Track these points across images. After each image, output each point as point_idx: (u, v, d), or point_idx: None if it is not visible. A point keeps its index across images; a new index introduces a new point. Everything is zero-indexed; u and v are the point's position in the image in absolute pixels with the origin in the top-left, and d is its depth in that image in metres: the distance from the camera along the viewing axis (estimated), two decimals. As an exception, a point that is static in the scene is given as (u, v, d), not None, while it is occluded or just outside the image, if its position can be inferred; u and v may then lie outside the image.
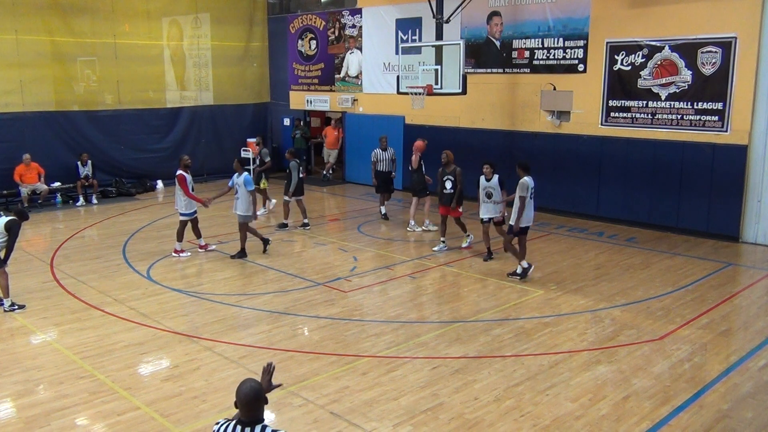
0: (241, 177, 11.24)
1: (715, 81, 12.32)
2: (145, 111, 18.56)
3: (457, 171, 11.57)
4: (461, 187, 11.56)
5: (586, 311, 8.91)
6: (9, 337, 8.11)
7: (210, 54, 19.95)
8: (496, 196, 10.81)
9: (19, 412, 6.25)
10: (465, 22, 15.74)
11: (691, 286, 9.94)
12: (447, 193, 11.62)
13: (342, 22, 19.03)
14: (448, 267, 11.01)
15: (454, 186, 11.55)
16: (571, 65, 14.30)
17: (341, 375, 6.95)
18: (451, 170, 11.60)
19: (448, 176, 11.62)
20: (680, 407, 6.25)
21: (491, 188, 10.79)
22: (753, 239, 12.37)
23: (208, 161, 19.44)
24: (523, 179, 10.00)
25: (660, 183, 13.26)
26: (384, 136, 14.42)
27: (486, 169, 10.82)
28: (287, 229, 13.48)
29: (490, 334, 8.05)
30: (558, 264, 11.12)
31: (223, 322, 8.51)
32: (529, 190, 9.96)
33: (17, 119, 16.13)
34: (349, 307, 9.12)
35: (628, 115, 13.58)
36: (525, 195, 9.93)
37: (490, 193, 10.80)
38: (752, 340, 7.93)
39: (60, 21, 16.67)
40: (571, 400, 6.39)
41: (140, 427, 5.96)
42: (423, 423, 5.98)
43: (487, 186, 10.81)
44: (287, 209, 13.60)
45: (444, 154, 11.73)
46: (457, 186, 11.52)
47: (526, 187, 9.95)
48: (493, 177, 10.79)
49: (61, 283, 10.14)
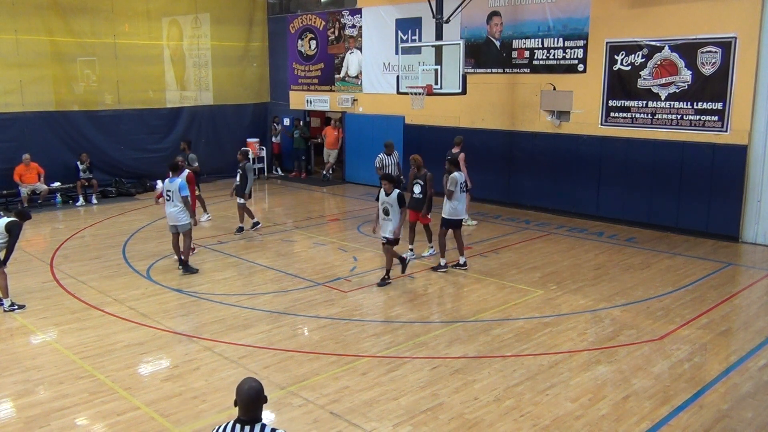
0: (175, 182, 10.41)
1: (715, 81, 12.33)
2: (145, 111, 18.56)
3: (428, 176, 10.99)
4: (432, 193, 11.03)
5: (585, 311, 8.91)
6: (9, 337, 8.11)
7: (210, 54, 19.95)
8: (393, 214, 9.80)
9: (19, 412, 6.25)
10: (465, 22, 15.74)
11: (691, 286, 9.94)
12: (416, 198, 11.08)
13: (342, 22, 19.03)
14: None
15: (423, 191, 11.00)
16: (571, 65, 14.30)
17: (341, 375, 6.95)
18: (422, 174, 11.03)
19: (417, 180, 11.06)
20: (680, 407, 6.25)
21: (389, 204, 9.81)
22: (753, 239, 12.37)
23: (208, 161, 19.37)
24: (453, 174, 10.55)
25: (660, 183, 13.26)
26: (390, 142, 13.89)
27: (385, 185, 9.89)
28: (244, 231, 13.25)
29: (490, 334, 8.05)
30: (558, 264, 11.12)
31: (223, 322, 8.51)
32: (457, 184, 10.49)
33: (17, 119, 16.13)
34: (349, 307, 9.12)
35: (628, 115, 13.58)
36: (453, 189, 10.44)
37: (387, 209, 9.83)
38: (752, 340, 7.93)
39: (60, 21, 16.67)
40: (571, 400, 6.39)
41: (140, 427, 5.96)
42: (423, 423, 5.98)
43: (385, 201, 9.87)
44: (243, 212, 13.22)
45: (412, 159, 11.33)
46: (427, 191, 10.96)
47: (455, 182, 10.47)
48: (392, 192, 9.80)
49: (61, 283, 10.14)
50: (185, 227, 10.51)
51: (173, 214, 10.45)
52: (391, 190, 9.81)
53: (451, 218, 10.56)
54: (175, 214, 10.43)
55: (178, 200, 10.36)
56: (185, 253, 10.62)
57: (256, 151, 20.48)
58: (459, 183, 10.50)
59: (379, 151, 13.88)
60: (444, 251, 10.64)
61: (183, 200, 10.35)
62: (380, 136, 17.81)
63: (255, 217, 13.52)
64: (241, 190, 13.07)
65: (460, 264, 10.73)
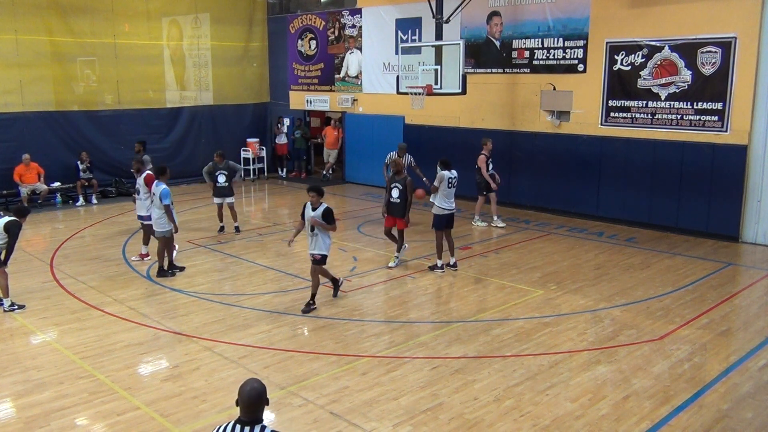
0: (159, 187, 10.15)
1: (715, 81, 12.33)
2: (145, 111, 18.56)
3: (408, 181, 10.61)
4: (410, 199, 10.57)
5: (585, 311, 8.91)
6: (9, 337, 8.11)
7: (210, 54, 19.94)
8: (320, 230, 8.74)
9: (19, 412, 6.25)
10: (465, 22, 15.74)
11: (691, 286, 9.94)
12: (393, 203, 10.65)
13: (342, 22, 19.03)
14: (447, 267, 10.99)
15: (401, 195, 10.54)
16: (570, 65, 14.30)
17: (341, 375, 6.95)
18: (401, 179, 10.63)
19: (396, 184, 10.61)
20: (680, 407, 6.25)
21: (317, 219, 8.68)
22: (753, 239, 12.37)
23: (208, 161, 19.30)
24: (441, 172, 10.67)
25: (660, 183, 13.27)
26: (403, 145, 13.68)
27: (312, 197, 8.71)
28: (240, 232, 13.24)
29: (490, 334, 8.05)
30: (558, 264, 11.12)
31: (223, 322, 8.51)
32: (444, 181, 10.59)
33: (17, 119, 16.14)
34: (349, 307, 9.11)
35: (627, 115, 13.58)
36: (437, 185, 10.58)
37: (313, 225, 8.73)
38: (752, 340, 7.93)
39: (60, 21, 16.68)
40: (571, 400, 6.39)
41: (140, 427, 5.96)
42: (423, 423, 5.98)
43: (313, 216, 8.71)
44: (234, 211, 13.21)
45: (392, 162, 11.19)
46: (407, 197, 10.52)
47: (441, 178, 10.61)
48: (319, 206, 8.68)
49: (61, 283, 10.14)
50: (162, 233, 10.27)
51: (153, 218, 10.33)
52: (318, 204, 8.70)
53: (437, 214, 10.61)
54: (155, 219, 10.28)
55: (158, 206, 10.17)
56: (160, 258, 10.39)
57: (256, 151, 20.49)
58: (446, 179, 10.56)
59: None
60: (441, 252, 10.64)
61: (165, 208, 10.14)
62: (380, 136, 17.87)
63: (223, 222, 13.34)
64: (229, 191, 13.02)
65: (450, 264, 10.73)
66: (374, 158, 16.71)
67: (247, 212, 16.04)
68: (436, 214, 10.65)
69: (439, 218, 10.63)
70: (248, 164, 20.25)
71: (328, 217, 8.70)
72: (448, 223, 10.71)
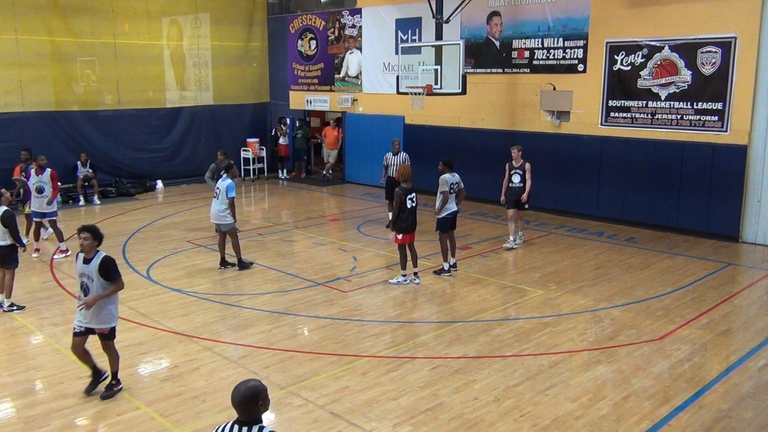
0: (226, 182, 10.51)
1: (715, 81, 12.33)
2: (145, 111, 18.56)
3: (395, 192, 9.90)
4: (398, 211, 9.78)
5: (585, 311, 8.91)
6: (9, 337, 8.11)
7: (210, 54, 19.95)
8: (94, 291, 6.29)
9: (19, 412, 6.25)
10: (465, 22, 15.74)
11: (691, 286, 9.94)
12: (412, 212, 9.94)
13: (342, 22, 19.03)
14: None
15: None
16: (570, 65, 14.30)
17: (341, 375, 6.95)
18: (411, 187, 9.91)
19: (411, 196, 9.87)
20: (680, 407, 6.25)
21: (87, 277, 6.35)
22: (753, 239, 12.37)
23: (207, 161, 19.36)
24: (443, 175, 10.31)
25: (660, 183, 13.27)
26: (396, 140, 13.77)
27: (83, 239, 6.25)
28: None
29: (490, 334, 8.05)
30: (558, 264, 11.12)
31: (223, 322, 8.51)
32: (448, 184, 10.27)
33: (17, 119, 16.14)
34: (349, 307, 9.11)
35: (627, 115, 13.58)
36: (446, 189, 10.21)
37: (86, 285, 6.35)
38: (752, 340, 7.93)
39: (59, 21, 16.68)
40: (571, 400, 6.39)
41: (140, 427, 5.96)
42: (423, 423, 5.98)
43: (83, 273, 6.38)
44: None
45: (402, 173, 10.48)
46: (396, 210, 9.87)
47: (446, 182, 10.26)
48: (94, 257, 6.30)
49: (61, 283, 10.14)
50: (228, 227, 10.70)
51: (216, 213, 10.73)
52: (93, 255, 6.27)
53: (440, 217, 10.40)
54: (218, 213, 10.68)
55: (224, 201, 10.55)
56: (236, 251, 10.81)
57: (256, 151, 20.49)
58: (450, 183, 10.31)
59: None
60: (446, 255, 10.52)
61: (229, 201, 10.53)
62: (380, 136, 17.86)
63: None
64: None
65: (451, 265, 10.63)
66: (374, 158, 16.71)
67: (247, 212, 16.04)
68: (440, 217, 10.47)
69: (444, 221, 10.47)
70: (248, 164, 20.26)
71: (105, 272, 6.21)
72: (453, 225, 10.62)
